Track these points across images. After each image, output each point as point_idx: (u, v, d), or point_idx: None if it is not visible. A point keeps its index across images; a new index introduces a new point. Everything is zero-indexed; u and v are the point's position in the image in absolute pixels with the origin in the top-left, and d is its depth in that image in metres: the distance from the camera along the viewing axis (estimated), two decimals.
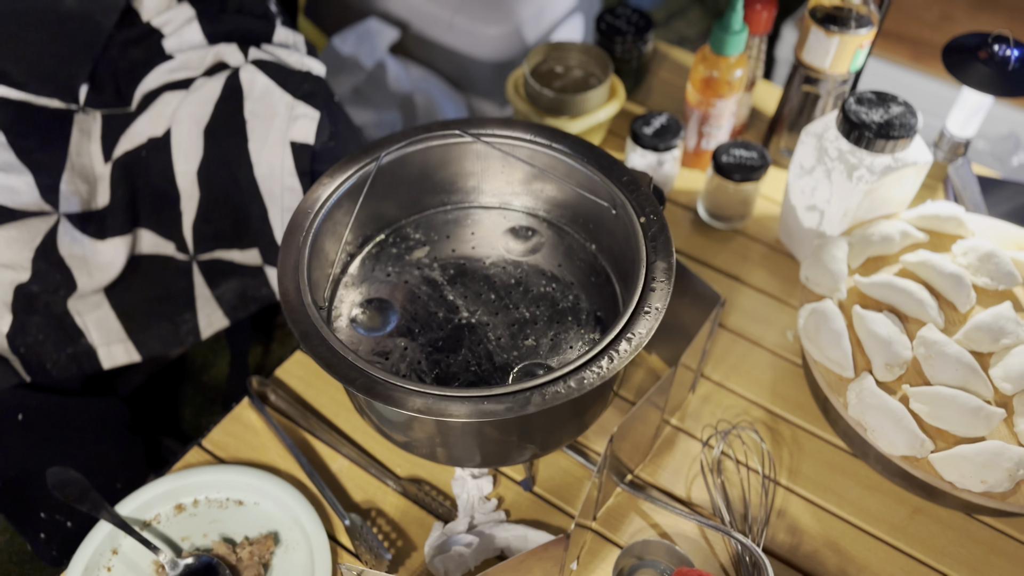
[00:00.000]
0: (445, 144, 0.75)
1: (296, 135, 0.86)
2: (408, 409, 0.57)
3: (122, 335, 0.94)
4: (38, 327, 0.86)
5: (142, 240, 0.92)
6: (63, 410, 0.93)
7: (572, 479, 0.78)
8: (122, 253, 0.90)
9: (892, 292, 0.80)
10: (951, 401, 0.71)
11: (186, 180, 0.89)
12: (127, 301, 0.93)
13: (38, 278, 0.85)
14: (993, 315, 0.77)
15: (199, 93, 0.87)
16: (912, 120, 0.82)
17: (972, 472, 0.68)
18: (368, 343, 0.71)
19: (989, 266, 0.81)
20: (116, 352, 0.94)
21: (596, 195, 0.73)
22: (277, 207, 0.90)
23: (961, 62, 0.86)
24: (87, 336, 0.91)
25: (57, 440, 0.93)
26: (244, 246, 0.95)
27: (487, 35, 1.46)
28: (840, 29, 0.90)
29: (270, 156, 0.87)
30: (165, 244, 0.93)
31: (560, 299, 0.75)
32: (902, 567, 0.73)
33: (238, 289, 0.99)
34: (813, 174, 0.87)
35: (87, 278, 0.89)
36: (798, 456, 0.80)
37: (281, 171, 0.87)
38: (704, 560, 0.74)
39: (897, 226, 0.84)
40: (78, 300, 0.89)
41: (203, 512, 0.76)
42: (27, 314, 0.85)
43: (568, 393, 0.58)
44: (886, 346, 0.75)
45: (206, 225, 0.92)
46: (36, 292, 0.86)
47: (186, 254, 0.94)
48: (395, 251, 0.78)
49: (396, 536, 0.75)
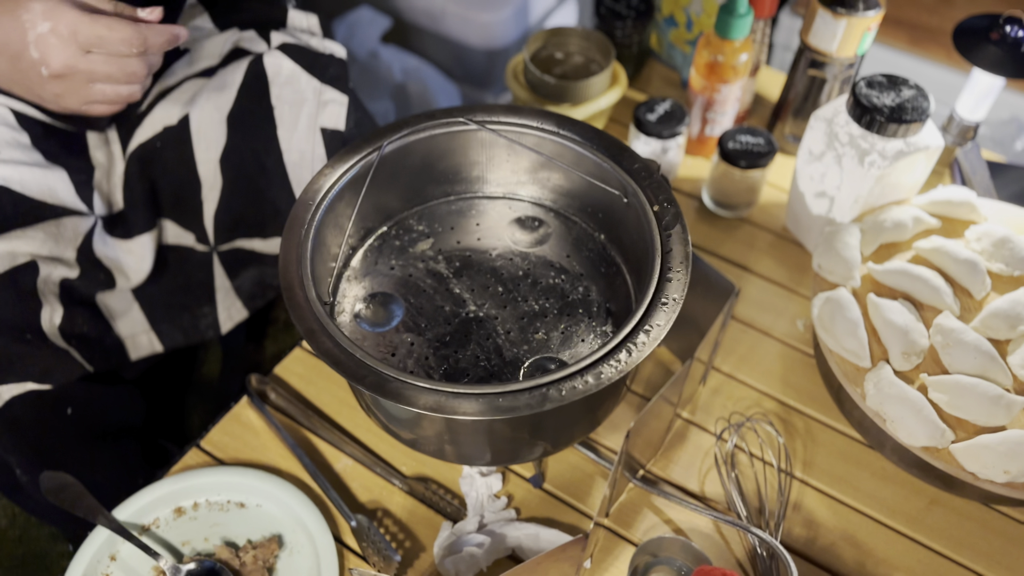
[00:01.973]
0: (449, 132, 0.73)
1: (326, 121, 0.84)
2: (421, 407, 0.55)
3: (145, 326, 0.92)
4: (83, 318, 0.84)
5: (167, 231, 0.90)
6: (100, 403, 0.90)
7: (582, 475, 0.76)
8: (149, 250, 0.87)
9: (907, 279, 0.78)
10: (971, 390, 0.70)
11: (208, 168, 0.86)
12: (149, 292, 0.90)
13: (85, 276, 0.82)
14: (1010, 301, 0.75)
15: (218, 80, 0.84)
16: (924, 103, 0.80)
17: (995, 462, 0.66)
18: (373, 339, 0.69)
19: (1004, 251, 0.79)
20: (141, 343, 0.92)
21: (606, 183, 0.71)
22: None
23: (972, 44, 0.84)
24: (115, 327, 0.89)
25: (93, 436, 0.89)
26: (267, 235, 0.93)
27: (480, 22, 1.44)
28: (848, 11, 0.88)
29: (301, 143, 0.84)
30: (185, 235, 0.91)
31: (570, 291, 0.72)
32: (920, 559, 0.72)
33: (256, 277, 0.97)
34: (823, 160, 0.86)
35: (124, 279, 0.87)
36: (812, 448, 0.79)
37: (312, 158, 0.84)
38: (719, 555, 0.72)
39: (909, 212, 0.83)
40: (104, 294, 0.87)
41: (204, 515, 0.73)
42: (72, 304, 0.82)
43: (586, 389, 0.56)
44: (903, 335, 0.73)
45: (228, 215, 0.89)
46: (80, 287, 0.83)
47: (206, 245, 0.91)
48: (398, 243, 0.76)
49: (404, 537, 0.73)
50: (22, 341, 0.76)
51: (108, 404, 0.92)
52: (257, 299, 0.98)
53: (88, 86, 0.69)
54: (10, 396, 0.77)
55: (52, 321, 0.79)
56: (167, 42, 0.70)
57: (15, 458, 0.81)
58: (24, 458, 0.82)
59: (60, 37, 0.65)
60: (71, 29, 0.65)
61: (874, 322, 0.76)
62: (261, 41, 0.86)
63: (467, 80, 1.54)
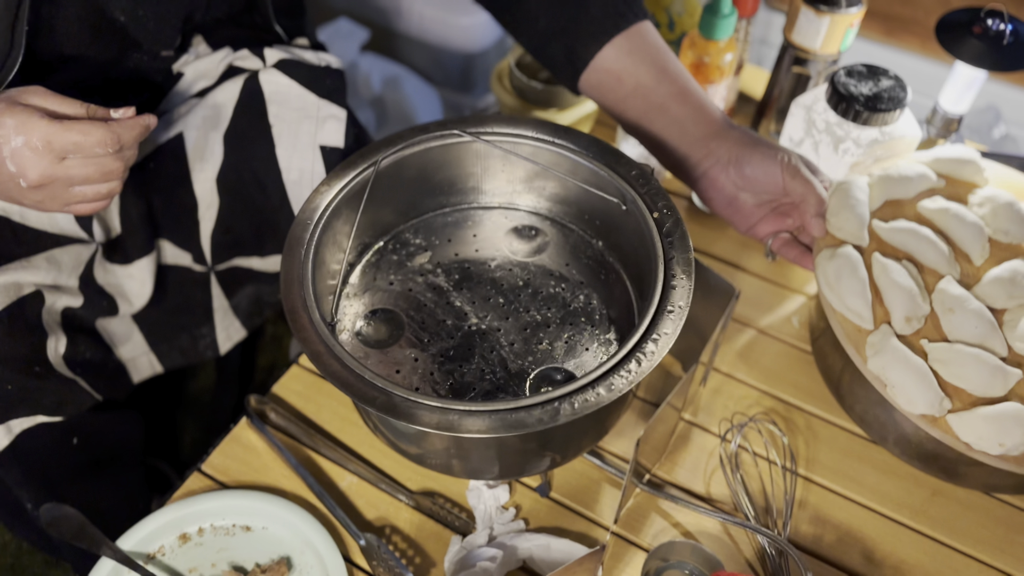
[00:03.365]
0: (443, 145, 0.73)
1: (325, 138, 0.83)
2: (434, 427, 0.55)
3: (145, 347, 0.91)
4: (86, 345, 0.83)
5: (164, 252, 0.89)
6: (101, 431, 0.88)
7: (588, 482, 0.76)
8: (149, 274, 0.86)
9: (913, 240, 0.76)
10: (972, 359, 0.69)
11: (204, 188, 0.85)
12: (148, 314, 0.89)
13: (88, 304, 0.81)
14: (1010, 271, 0.74)
15: (212, 98, 0.83)
16: (901, 94, 0.81)
17: (990, 434, 0.66)
18: (376, 356, 0.69)
19: (1006, 218, 0.78)
20: (142, 365, 0.91)
21: (604, 191, 0.71)
22: None
23: (955, 38, 0.85)
24: (115, 351, 0.88)
25: (98, 464, 0.88)
26: (266, 253, 0.92)
27: (458, 25, 1.43)
28: (830, 8, 0.89)
29: (301, 162, 0.83)
30: (183, 255, 0.90)
31: (571, 300, 0.72)
32: (925, 550, 0.73)
33: (253, 296, 0.96)
34: (802, 146, 0.87)
35: (127, 304, 0.86)
36: (814, 445, 0.79)
37: (312, 176, 0.84)
38: (729, 556, 0.72)
39: (915, 167, 0.81)
40: (103, 319, 0.86)
41: (209, 541, 0.72)
42: (75, 332, 0.81)
43: (598, 401, 0.56)
44: (909, 298, 0.72)
45: (225, 234, 0.88)
46: (82, 316, 0.82)
47: (203, 265, 0.90)
48: (396, 258, 0.75)
49: (414, 553, 0.72)
50: (31, 374, 0.75)
51: (109, 430, 0.91)
52: (255, 318, 0.97)
53: (68, 190, 0.68)
54: (20, 430, 0.75)
55: (57, 351, 0.79)
56: (140, 135, 0.69)
57: (25, 492, 0.80)
58: (32, 491, 0.80)
59: (34, 150, 0.64)
60: (44, 140, 0.64)
61: (878, 282, 0.74)
62: (255, 59, 0.85)
63: (447, 84, 1.53)
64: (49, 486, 0.81)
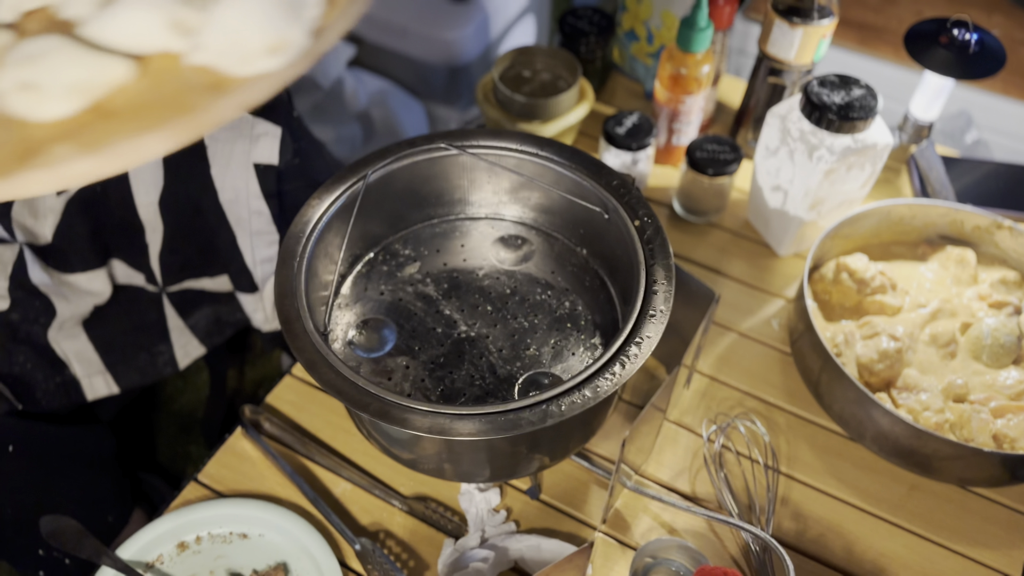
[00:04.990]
0: (430, 158, 0.75)
1: (259, 156, 0.84)
2: (426, 431, 0.57)
3: (100, 367, 0.92)
4: (25, 356, 0.83)
5: (116, 270, 0.90)
6: (53, 440, 0.90)
7: (577, 483, 0.78)
8: (98, 283, 0.87)
9: None
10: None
11: (148, 212, 0.86)
12: (104, 333, 0.90)
13: (17, 306, 0.82)
14: None
15: None
16: (872, 102, 0.84)
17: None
18: (368, 364, 0.70)
19: None
20: (97, 384, 0.92)
21: (586, 200, 0.73)
22: (245, 232, 0.88)
23: (922, 47, 0.88)
24: (70, 367, 0.89)
25: (49, 472, 0.89)
26: (213, 273, 0.93)
27: (442, 40, 1.45)
28: (803, 21, 0.92)
29: (234, 180, 0.84)
30: (135, 275, 0.91)
31: (557, 306, 0.75)
32: (904, 543, 0.75)
33: (211, 316, 0.97)
34: (777, 155, 0.89)
35: (65, 304, 0.86)
36: (795, 443, 0.82)
37: (247, 195, 0.84)
38: (715, 553, 0.74)
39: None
40: (57, 331, 0.86)
41: (207, 549, 0.74)
42: (12, 342, 0.82)
43: (584, 403, 0.58)
44: None
45: (173, 256, 0.89)
46: (16, 321, 0.82)
47: (155, 286, 0.91)
48: (386, 269, 0.77)
49: (408, 556, 0.74)
50: None
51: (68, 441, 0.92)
52: (215, 336, 0.98)
53: None
54: None
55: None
56: None
57: None
58: None
59: None
60: None
61: None
62: None
63: (432, 97, 1.55)
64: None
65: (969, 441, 0.75)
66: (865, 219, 0.88)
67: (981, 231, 0.89)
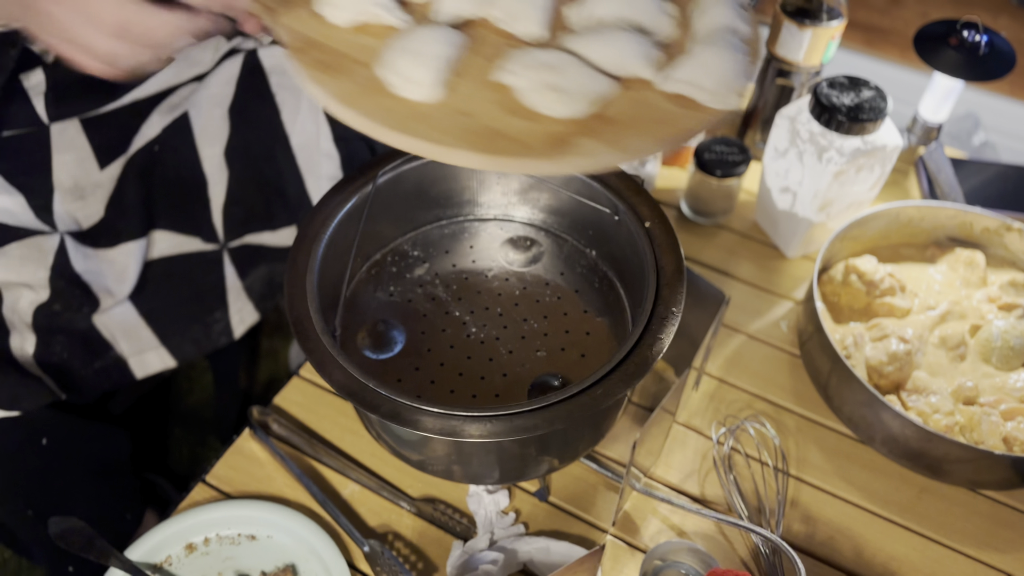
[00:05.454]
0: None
1: None
2: (436, 433, 0.57)
3: (154, 342, 0.91)
4: (62, 345, 0.83)
5: (159, 243, 0.89)
6: (80, 436, 0.89)
7: (585, 486, 0.78)
8: (134, 258, 0.86)
9: None
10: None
11: (213, 164, 0.85)
12: (155, 307, 0.89)
13: (58, 296, 0.81)
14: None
15: (213, 78, 0.83)
16: (881, 104, 0.84)
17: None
18: (378, 366, 0.70)
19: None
20: (149, 360, 0.91)
21: (596, 202, 0.73)
22: (314, 177, 0.88)
23: (932, 49, 0.88)
24: (116, 347, 0.88)
25: (77, 469, 0.89)
26: (276, 226, 0.92)
27: None
28: (812, 22, 0.92)
29: (305, 124, 0.84)
30: (188, 241, 0.90)
31: (566, 308, 0.74)
32: (915, 546, 0.75)
33: (266, 276, 0.96)
34: (786, 156, 0.89)
35: (107, 293, 0.85)
36: (804, 445, 0.81)
37: (318, 137, 0.85)
38: (724, 555, 0.74)
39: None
40: (103, 314, 0.86)
41: (215, 550, 0.74)
42: (50, 333, 0.81)
43: (595, 404, 0.58)
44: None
45: (237, 207, 0.89)
46: (59, 311, 0.82)
47: (215, 243, 0.91)
48: (395, 270, 0.77)
49: (416, 558, 0.74)
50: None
51: (90, 439, 0.91)
52: (267, 300, 0.97)
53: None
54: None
55: (24, 349, 0.79)
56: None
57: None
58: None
59: None
60: None
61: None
62: (250, 40, 0.86)
63: None
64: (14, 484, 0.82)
65: (979, 444, 0.75)
66: (874, 221, 0.88)
67: (990, 233, 0.89)
